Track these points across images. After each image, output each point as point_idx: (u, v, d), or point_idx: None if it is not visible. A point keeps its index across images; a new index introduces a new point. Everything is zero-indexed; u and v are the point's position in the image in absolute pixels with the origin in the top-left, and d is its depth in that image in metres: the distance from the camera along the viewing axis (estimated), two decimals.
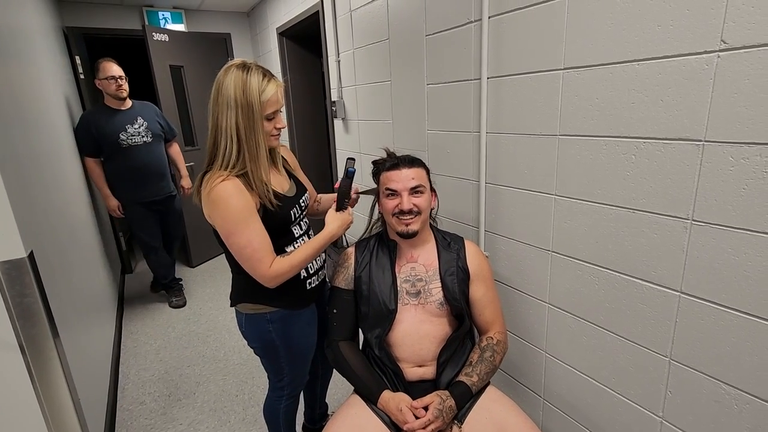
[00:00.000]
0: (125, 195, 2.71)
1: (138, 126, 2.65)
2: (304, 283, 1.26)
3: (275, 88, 1.11)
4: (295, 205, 1.23)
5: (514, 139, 1.38)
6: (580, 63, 1.13)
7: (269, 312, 1.23)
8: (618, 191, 1.11)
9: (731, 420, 0.97)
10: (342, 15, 2.35)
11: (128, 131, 2.61)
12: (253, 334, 1.27)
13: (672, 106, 0.96)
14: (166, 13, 3.68)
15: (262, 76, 1.09)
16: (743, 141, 0.86)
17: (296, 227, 1.24)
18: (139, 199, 2.74)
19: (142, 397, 2.10)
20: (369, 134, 2.31)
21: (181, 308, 3.03)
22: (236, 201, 1.05)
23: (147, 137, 2.69)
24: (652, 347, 1.11)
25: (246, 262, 1.09)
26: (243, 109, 1.06)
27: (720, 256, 0.93)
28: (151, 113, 2.77)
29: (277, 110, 1.13)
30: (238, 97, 1.06)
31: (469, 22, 1.45)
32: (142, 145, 2.67)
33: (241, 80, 1.06)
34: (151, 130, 2.71)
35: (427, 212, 1.23)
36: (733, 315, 0.93)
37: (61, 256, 1.64)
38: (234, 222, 1.06)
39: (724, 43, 0.86)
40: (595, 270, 1.21)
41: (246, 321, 1.25)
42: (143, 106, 2.77)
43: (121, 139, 2.58)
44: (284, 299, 1.22)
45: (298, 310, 1.28)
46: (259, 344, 1.28)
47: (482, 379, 1.17)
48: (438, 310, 1.22)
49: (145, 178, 2.74)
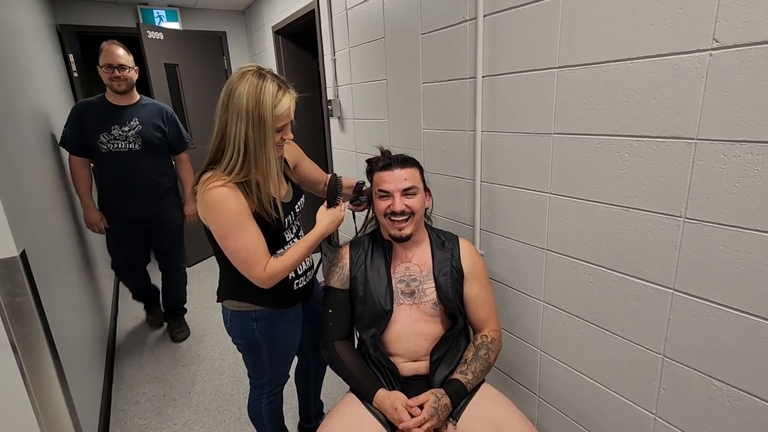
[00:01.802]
0: (104, 209, 2.23)
1: (127, 129, 2.11)
2: (291, 283, 1.27)
3: (289, 101, 1.08)
4: (290, 211, 1.23)
5: (509, 137, 1.38)
6: (575, 62, 1.14)
7: (255, 310, 1.24)
8: (612, 189, 1.11)
9: (723, 416, 0.98)
10: (338, 13, 2.34)
11: (112, 133, 2.08)
12: (238, 331, 1.27)
13: (665, 105, 0.97)
14: (161, 11, 3.66)
15: (277, 87, 1.05)
16: (735, 139, 0.86)
17: (288, 232, 1.25)
18: (119, 217, 2.23)
19: (137, 396, 2.09)
20: (365, 133, 2.31)
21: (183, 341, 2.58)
22: (232, 205, 1.04)
23: (135, 144, 2.13)
24: (645, 344, 1.11)
25: (241, 264, 1.09)
26: (254, 122, 1.03)
27: (712, 254, 0.94)
28: (153, 115, 2.21)
29: (286, 123, 1.11)
30: (251, 109, 1.02)
31: (464, 21, 1.45)
32: (126, 152, 2.12)
33: (255, 91, 1.02)
34: (142, 136, 2.14)
35: (420, 213, 1.23)
36: (725, 312, 0.94)
37: (55, 255, 1.63)
38: (229, 225, 1.05)
39: (716, 42, 0.86)
40: (589, 268, 1.22)
41: (231, 317, 1.26)
42: (149, 105, 2.23)
43: (100, 141, 2.07)
44: (271, 299, 1.22)
45: (284, 309, 1.29)
46: (243, 341, 1.29)
47: (477, 377, 1.17)
48: (432, 309, 1.22)
49: (128, 195, 2.19)
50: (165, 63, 3.41)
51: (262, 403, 1.39)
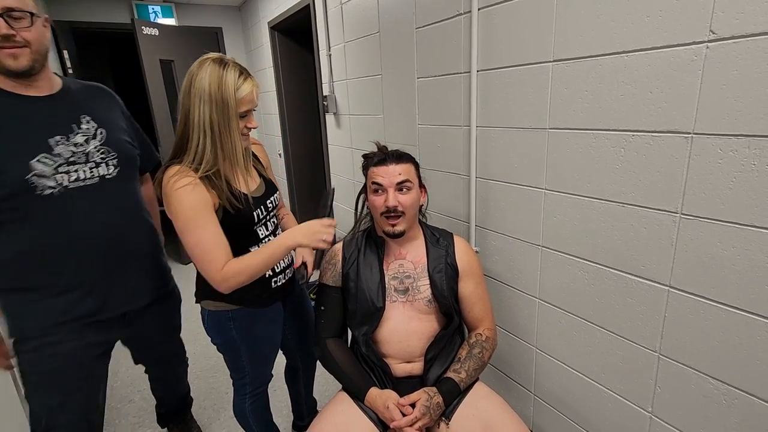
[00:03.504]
0: (37, 312, 1.10)
1: (82, 139, 1.11)
2: (269, 281, 1.23)
3: (251, 87, 1.08)
4: (261, 205, 1.18)
5: (503, 132, 1.36)
6: (569, 55, 1.12)
7: (231, 310, 1.20)
8: (607, 185, 1.09)
9: (720, 415, 0.97)
10: (333, 8, 2.32)
11: (57, 153, 1.05)
12: (215, 331, 1.25)
13: (661, 99, 0.95)
14: (156, 7, 3.63)
15: (238, 73, 1.06)
16: (732, 133, 0.85)
17: (261, 228, 1.19)
18: (78, 315, 1.14)
19: (131, 395, 2.07)
20: (360, 129, 2.29)
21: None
22: (190, 198, 1.02)
23: (107, 167, 1.15)
24: (641, 342, 1.10)
25: (198, 262, 1.05)
26: (218, 104, 1.03)
27: (709, 250, 0.92)
28: (108, 108, 1.25)
29: (250, 110, 1.10)
30: (213, 91, 1.02)
31: (458, 14, 1.43)
32: (92, 186, 1.12)
33: (217, 75, 1.03)
34: (114, 149, 1.17)
35: (414, 210, 1.21)
36: (722, 309, 0.92)
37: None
38: (185, 220, 1.02)
39: (712, 34, 0.85)
40: (584, 264, 1.20)
41: (209, 317, 1.24)
42: (86, 90, 1.22)
43: (38, 174, 1.02)
44: (247, 297, 1.18)
45: (262, 309, 1.25)
46: (221, 341, 1.26)
47: (470, 375, 1.16)
48: (426, 307, 1.21)
49: (107, 271, 1.17)
50: (160, 59, 3.38)
51: (246, 403, 1.37)
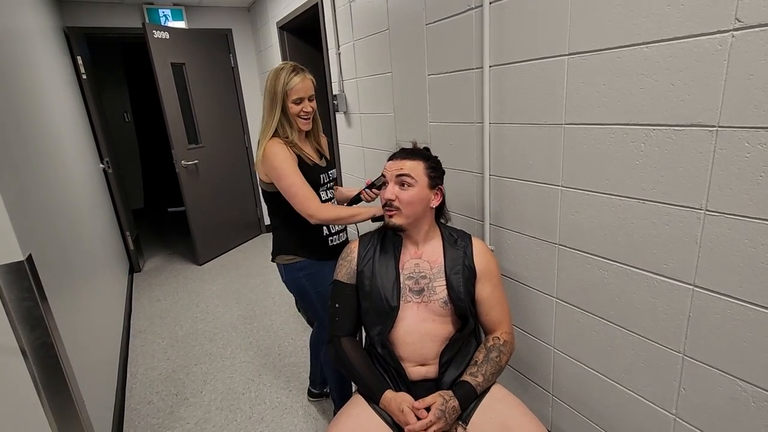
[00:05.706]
0: None
1: None
2: (326, 239, 1.53)
3: (300, 79, 1.40)
4: (325, 172, 1.50)
5: (518, 129, 1.33)
6: (586, 48, 1.08)
7: (299, 261, 1.50)
8: (627, 181, 1.06)
9: (748, 418, 0.93)
10: (341, 6, 2.30)
11: None
12: (291, 282, 1.55)
13: (683, 91, 0.91)
14: (167, 10, 3.66)
15: (291, 70, 1.40)
16: (760, 126, 0.81)
17: (323, 192, 1.49)
18: None
19: (150, 396, 2.11)
20: (371, 128, 2.27)
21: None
22: (283, 153, 1.37)
23: None
24: (664, 343, 1.07)
25: (294, 198, 1.36)
26: (270, 93, 1.41)
27: (736, 248, 0.89)
28: None
29: (301, 97, 1.41)
30: (269, 86, 1.41)
31: (469, 9, 1.40)
32: None
33: (275, 74, 1.40)
34: None
35: (413, 207, 1.17)
36: (750, 309, 0.89)
37: (63, 259, 1.64)
38: (281, 168, 1.35)
39: (738, 22, 0.81)
40: (603, 263, 1.17)
41: (284, 270, 1.54)
42: None
43: None
44: (309, 250, 1.50)
45: (323, 260, 1.52)
46: (295, 290, 1.56)
47: (488, 379, 1.13)
48: (441, 309, 1.19)
49: None
50: (172, 62, 3.42)
51: (322, 336, 1.67)
